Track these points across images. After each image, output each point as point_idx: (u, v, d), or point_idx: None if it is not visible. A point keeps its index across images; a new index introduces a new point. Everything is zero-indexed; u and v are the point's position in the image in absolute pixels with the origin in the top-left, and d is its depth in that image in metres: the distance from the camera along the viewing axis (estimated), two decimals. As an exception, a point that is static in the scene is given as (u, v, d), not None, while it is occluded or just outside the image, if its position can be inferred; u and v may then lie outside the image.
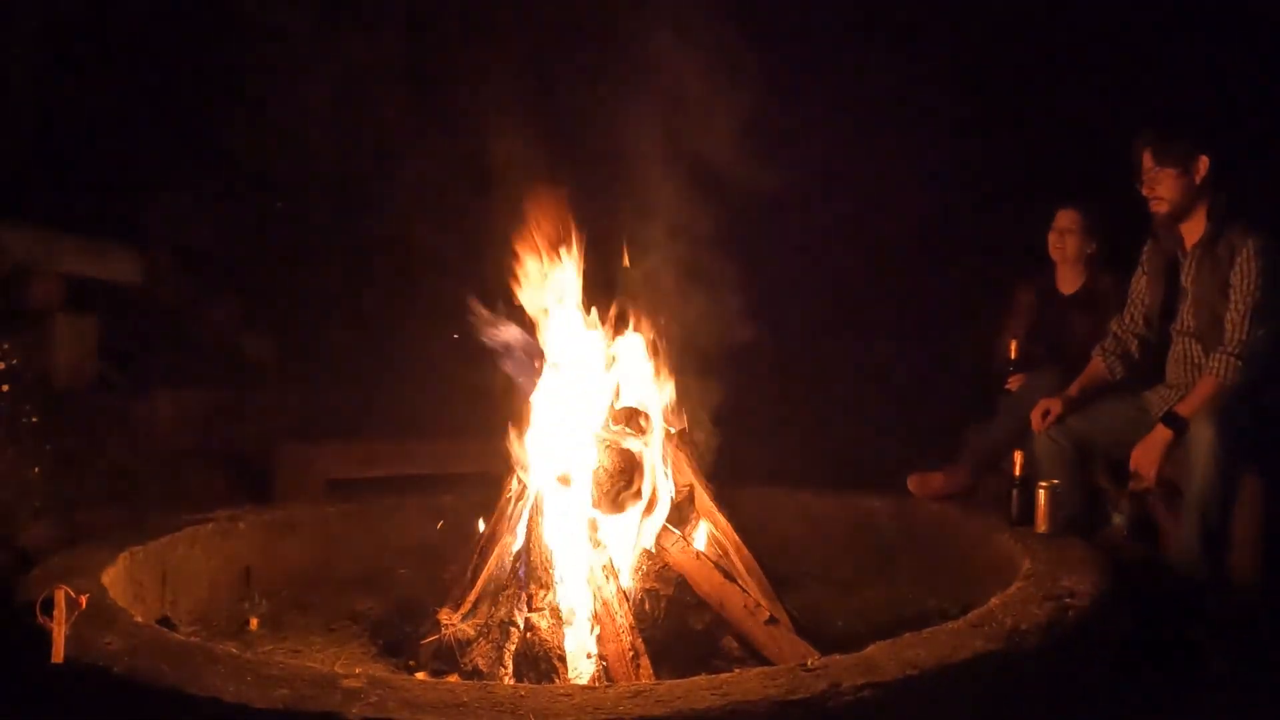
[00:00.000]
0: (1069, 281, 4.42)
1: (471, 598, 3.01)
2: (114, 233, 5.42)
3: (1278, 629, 3.19)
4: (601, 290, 3.29)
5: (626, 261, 3.34)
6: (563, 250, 3.23)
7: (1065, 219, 4.36)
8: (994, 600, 2.56)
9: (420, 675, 2.74)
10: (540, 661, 2.60)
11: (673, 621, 2.87)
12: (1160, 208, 3.58)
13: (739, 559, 3.05)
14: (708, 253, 3.63)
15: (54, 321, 4.78)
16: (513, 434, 3.13)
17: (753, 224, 3.96)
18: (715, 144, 3.66)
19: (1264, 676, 2.98)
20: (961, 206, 5.71)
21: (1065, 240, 4.35)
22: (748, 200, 3.75)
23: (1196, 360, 3.60)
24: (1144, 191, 3.61)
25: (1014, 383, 4.30)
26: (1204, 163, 3.50)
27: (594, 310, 3.26)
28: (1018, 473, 3.56)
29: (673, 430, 3.21)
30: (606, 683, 2.53)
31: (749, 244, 3.87)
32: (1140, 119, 3.74)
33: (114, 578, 2.82)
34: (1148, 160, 3.58)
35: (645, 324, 3.30)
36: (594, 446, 3.02)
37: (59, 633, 2.14)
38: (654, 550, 2.95)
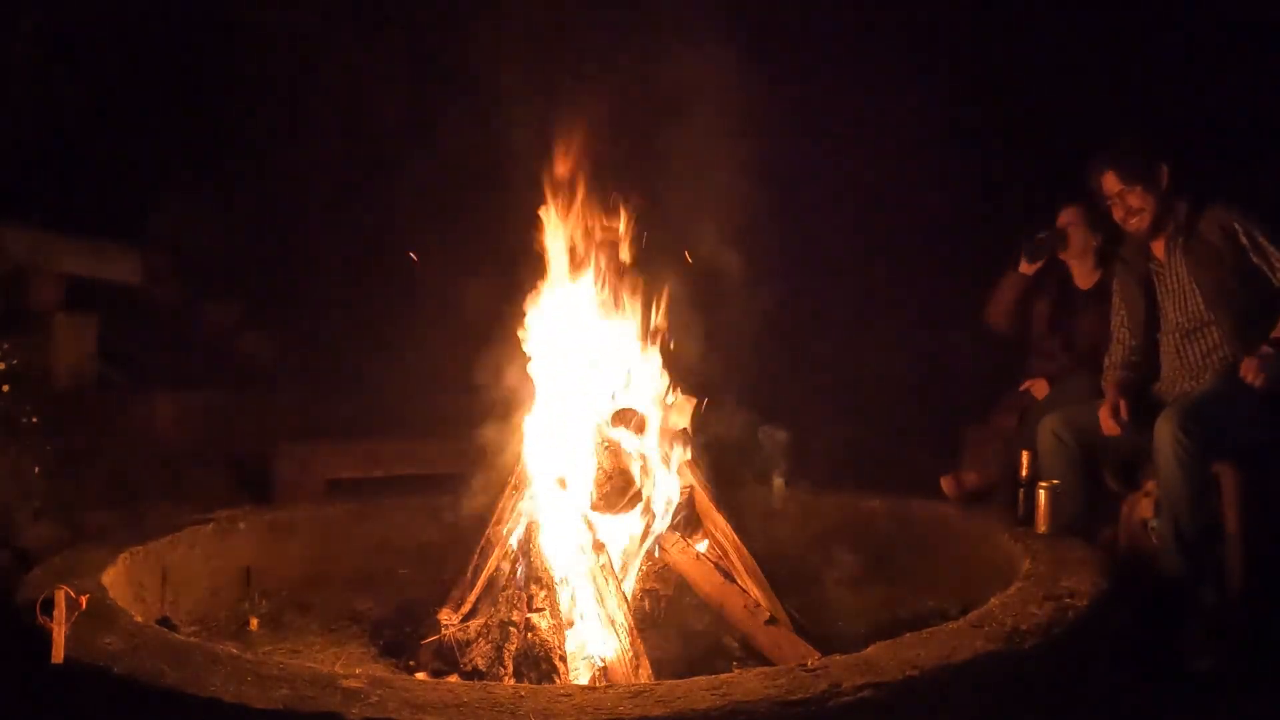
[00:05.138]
0: (1084, 277, 4.44)
1: (471, 598, 3.01)
2: (114, 233, 5.42)
3: (1263, 625, 3.19)
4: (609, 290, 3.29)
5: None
6: (574, 247, 3.24)
7: (1066, 215, 4.39)
8: (994, 600, 2.56)
9: (420, 675, 2.74)
10: (540, 662, 2.60)
11: (673, 621, 2.87)
12: (1141, 222, 3.66)
13: (739, 559, 3.05)
14: (713, 254, 3.64)
15: (54, 321, 4.79)
16: (513, 434, 3.14)
17: (754, 223, 3.96)
18: (721, 148, 3.67)
19: (1250, 674, 2.98)
20: (966, 206, 5.71)
21: (1068, 235, 4.37)
22: (751, 200, 3.76)
23: (1185, 353, 3.64)
24: (1118, 215, 3.69)
25: (1038, 388, 4.30)
26: (1165, 171, 3.60)
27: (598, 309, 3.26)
28: (1024, 472, 3.57)
29: (673, 430, 3.21)
30: (606, 683, 2.53)
31: (749, 243, 3.88)
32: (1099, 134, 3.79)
33: (114, 578, 2.82)
34: (1113, 183, 3.65)
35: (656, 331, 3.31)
36: (592, 448, 3.02)
37: (59, 633, 2.14)
38: (654, 551, 2.95)
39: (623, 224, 3.28)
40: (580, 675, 2.62)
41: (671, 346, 3.33)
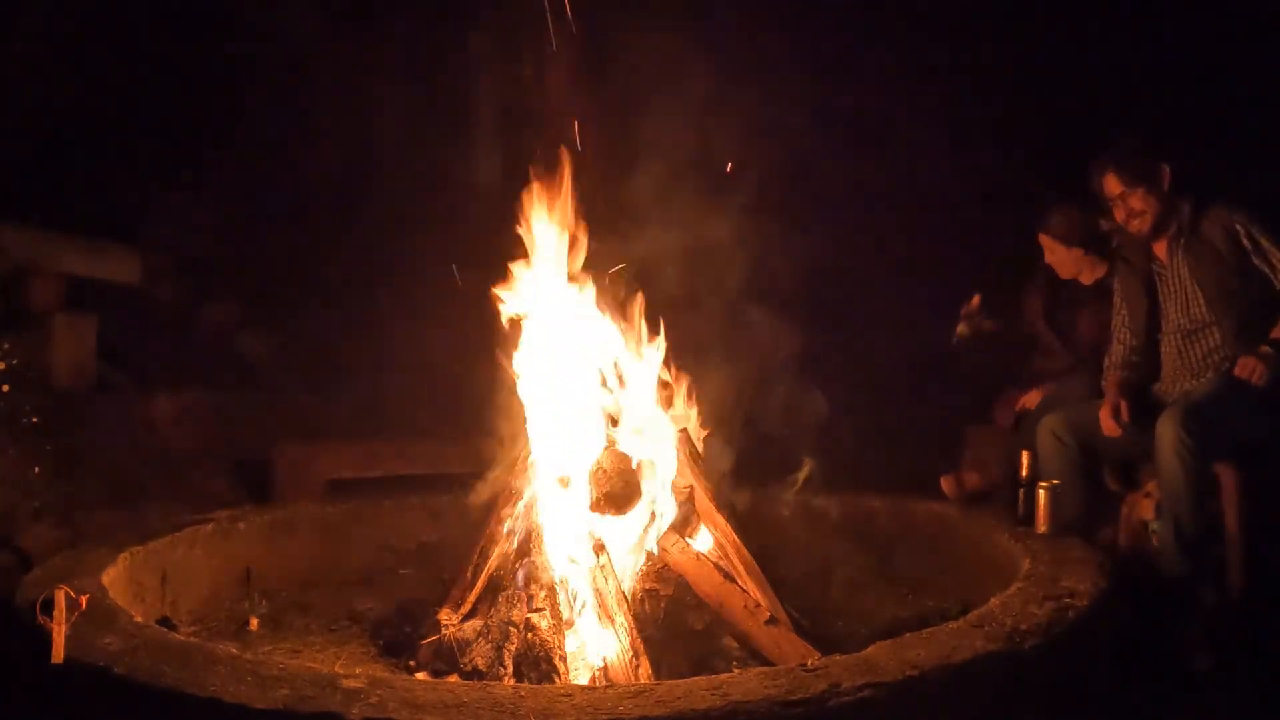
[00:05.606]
0: (1086, 274, 4.42)
1: (472, 598, 3.01)
2: (114, 233, 5.42)
3: (1262, 624, 3.19)
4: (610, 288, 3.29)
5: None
6: (569, 241, 3.24)
7: (1042, 243, 4.36)
8: (994, 600, 2.56)
9: (420, 675, 2.74)
10: (540, 662, 2.60)
11: (673, 621, 2.87)
12: (1144, 224, 3.65)
13: (739, 559, 3.05)
14: (711, 254, 3.64)
15: (54, 321, 4.78)
16: (513, 434, 3.13)
17: (754, 221, 3.96)
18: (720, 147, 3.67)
19: (1249, 672, 2.98)
20: (969, 206, 5.71)
21: (1054, 260, 4.36)
22: (753, 196, 3.77)
23: (1186, 354, 3.64)
24: (1119, 217, 3.67)
25: (1030, 400, 4.30)
26: (1166, 172, 3.59)
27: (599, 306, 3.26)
28: (1024, 473, 3.57)
29: (673, 430, 3.21)
30: (606, 683, 2.53)
31: (749, 242, 3.88)
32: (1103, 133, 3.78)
33: (114, 578, 2.82)
34: (1114, 185, 3.64)
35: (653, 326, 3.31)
36: (593, 447, 3.02)
37: (59, 633, 2.14)
38: (654, 551, 2.95)
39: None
40: (580, 675, 2.62)
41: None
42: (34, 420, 4.15)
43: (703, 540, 3.06)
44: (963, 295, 4.80)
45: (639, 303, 3.29)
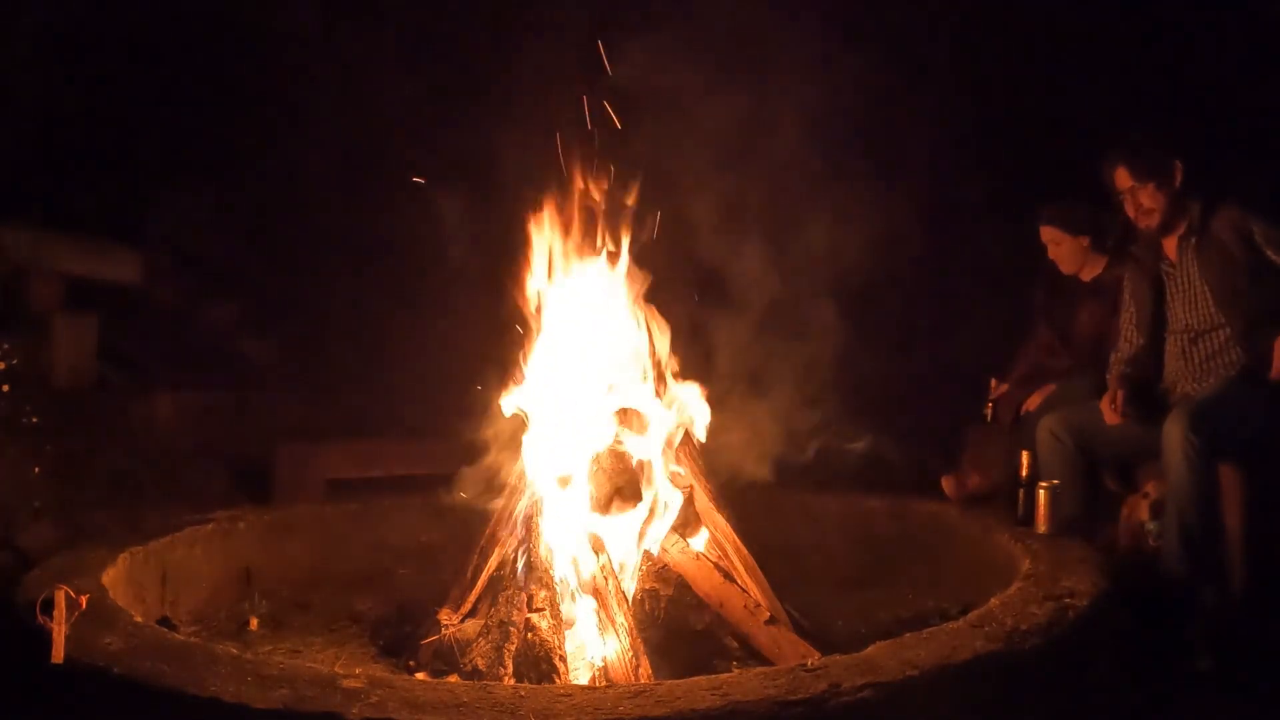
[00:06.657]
0: (1088, 270, 4.41)
1: (471, 598, 3.01)
2: (114, 233, 5.42)
3: (1263, 625, 3.19)
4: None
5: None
6: (574, 243, 3.23)
7: (1046, 236, 4.36)
8: (994, 600, 2.56)
9: (420, 675, 2.74)
10: (540, 662, 2.60)
11: (673, 621, 2.87)
12: (1152, 221, 3.62)
13: (739, 559, 3.05)
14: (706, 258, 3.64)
15: (54, 321, 4.79)
16: (513, 434, 3.13)
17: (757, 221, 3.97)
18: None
19: (1249, 672, 2.98)
20: (971, 207, 5.71)
21: (1058, 253, 4.36)
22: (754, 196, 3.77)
23: (1191, 354, 3.63)
24: (1129, 210, 3.65)
25: (1032, 400, 4.30)
26: (1179, 168, 3.56)
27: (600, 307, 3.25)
28: (1024, 473, 3.57)
29: (672, 430, 3.21)
30: (606, 683, 2.53)
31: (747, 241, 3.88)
32: (1105, 135, 3.77)
33: (114, 578, 2.82)
34: (1124, 179, 3.61)
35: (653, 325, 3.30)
36: (593, 447, 3.02)
37: (59, 633, 2.14)
38: (654, 551, 2.95)
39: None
40: (580, 675, 2.62)
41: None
42: (34, 420, 4.16)
43: (702, 540, 3.06)
44: (966, 297, 4.80)
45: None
